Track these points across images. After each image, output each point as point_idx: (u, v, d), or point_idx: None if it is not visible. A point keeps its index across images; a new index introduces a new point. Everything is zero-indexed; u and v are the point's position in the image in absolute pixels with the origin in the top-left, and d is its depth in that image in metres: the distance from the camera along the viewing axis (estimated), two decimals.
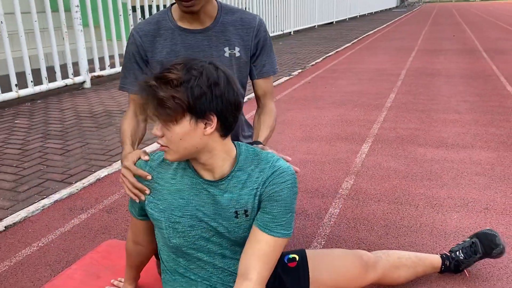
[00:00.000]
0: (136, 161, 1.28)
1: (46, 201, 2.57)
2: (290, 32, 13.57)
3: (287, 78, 6.32)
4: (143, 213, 1.32)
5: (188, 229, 1.21)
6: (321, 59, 8.08)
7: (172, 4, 1.57)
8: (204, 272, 1.27)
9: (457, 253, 1.77)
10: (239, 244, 1.26)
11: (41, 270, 1.93)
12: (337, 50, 9.27)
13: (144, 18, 7.33)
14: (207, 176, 1.21)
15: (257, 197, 1.20)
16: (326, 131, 3.76)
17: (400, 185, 2.65)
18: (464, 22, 17.01)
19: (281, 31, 12.83)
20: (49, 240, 2.17)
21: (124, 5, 6.89)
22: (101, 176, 2.92)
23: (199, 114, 1.10)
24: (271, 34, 12.04)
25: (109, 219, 2.36)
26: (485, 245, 1.75)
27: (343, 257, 1.55)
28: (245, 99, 4.57)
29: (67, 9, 5.88)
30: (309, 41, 11.44)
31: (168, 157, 1.17)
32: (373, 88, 5.42)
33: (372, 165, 2.97)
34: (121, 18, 6.57)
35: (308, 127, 3.91)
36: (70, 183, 2.83)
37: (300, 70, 6.92)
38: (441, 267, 1.76)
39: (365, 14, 25.26)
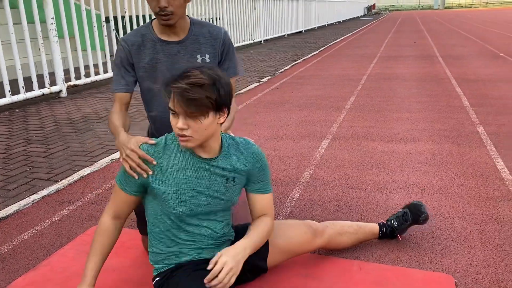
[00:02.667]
0: (141, 146, 1.53)
1: (35, 196, 2.83)
2: (261, 41, 14.01)
3: (257, 84, 6.69)
4: (138, 190, 1.57)
5: (190, 198, 1.54)
6: (289, 66, 8.50)
7: (152, 20, 1.90)
8: (189, 236, 1.59)
9: (392, 221, 2.14)
10: (225, 209, 1.64)
11: (38, 251, 2.20)
12: (304, 58, 9.72)
13: (117, 29, 7.58)
14: (203, 155, 1.55)
15: (244, 171, 1.62)
16: (291, 131, 4.12)
17: (352, 173, 3.02)
18: (425, 30, 17.85)
19: (252, 40, 13.25)
20: (42, 227, 2.44)
21: (98, 16, 7.13)
22: (85, 174, 3.19)
23: (219, 108, 1.44)
24: (242, 43, 12.44)
25: (95, 209, 2.64)
26: (413, 213, 2.12)
27: (295, 226, 1.89)
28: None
29: (43, 21, 6.09)
30: (279, 49, 11.88)
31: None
32: (336, 92, 5.85)
33: (330, 158, 3.34)
34: (95, 29, 6.81)
35: (275, 127, 4.27)
36: (56, 181, 3.09)
37: (269, 77, 7.30)
38: (379, 233, 2.13)
39: (333, 22, 26.03)
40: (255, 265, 1.80)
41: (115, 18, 7.77)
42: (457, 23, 22.78)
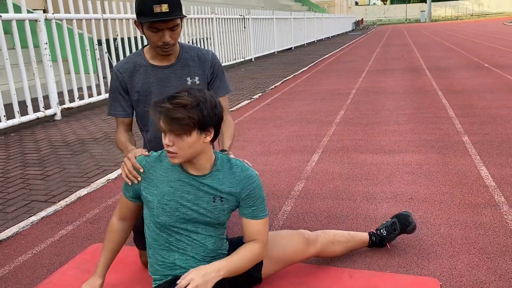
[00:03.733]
0: (137, 156, 1.70)
1: (34, 218, 2.89)
2: (251, 59, 14.23)
3: (249, 101, 6.82)
4: (135, 196, 1.72)
5: (173, 210, 1.63)
6: (279, 82, 8.66)
7: (143, 47, 2.03)
8: (181, 244, 1.67)
9: (381, 230, 2.23)
10: (211, 225, 1.69)
11: (38, 270, 2.26)
12: (294, 74, 9.89)
13: (109, 51, 7.72)
14: (193, 171, 1.65)
15: (232, 194, 1.65)
16: (282, 146, 4.23)
17: (342, 185, 3.12)
18: (412, 43, 18.20)
19: (242, 58, 13.45)
20: (42, 248, 2.50)
21: (90, 39, 7.28)
22: (82, 195, 3.26)
23: (204, 128, 1.54)
24: (233, 62, 12.64)
25: (93, 228, 2.71)
26: (401, 223, 2.21)
27: (288, 236, 1.97)
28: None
29: (36, 45, 6.21)
30: (269, 66, 12.08)
31: (175, 161, 1.57)
32: (325, 107, 5.98)
33: (320, 171, 3.45)
34: (88, 52, 6.93)
35: (267, 143, 4.37)
36: (54, 202, 3.15)
37: (260, 94, 7.44)
38: (369, 242, 2.22)
39: (323, 38, 26.44)
40: (250, 275, 1.88)
41: (107, 41, 7.92)
42: (443, 35, 23.24)
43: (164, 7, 1.77)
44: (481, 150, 3.69)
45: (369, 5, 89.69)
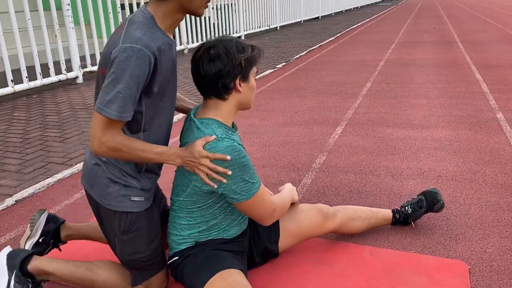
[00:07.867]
0: (207, 144, 1.41)
1: (50, 180, 2.86)
2: (277, 27, 13.88)
3: (272, 70, 6.64)
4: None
5: None
6: (304, 52, 8.40)
7: (151, 17, 1.41)
8: (225, 219, 1.64)
9: (406, 208, 2.10)
10: None
11: None
12: (320, 44, 9.59)
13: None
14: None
15: None
16: (305, 117, 4.08)
17: (366, 160, 2.98)
18: (446, 15, 17.43)
19: (268, 26, 13.13)
20: (56, 210, 2.47)
21: (113, 3, 7.15)
22: None
23: None
24: (257, 30, 12.35)
25: None
26: (428, 201, 2.08)
27: (305, 210, 1.87)
28: None
29: (59, 8, 6.12)
30: (295, 35, 11.75)
31: None
32: (351, 78, 5.76)
33: (343, 144, 3.30)
34: (111, 16, 6.82)
35: (289, 113, 4.23)
36: (71, 165, 3.12)
37: (284, 63, 7.24)
38: (392, 219, 2.09)
39: (351, 8, 25.62)
40: (267, 249, 1.80)
41: (130, 5, 7.78)
42: (478, 8, 22.19)
43: None
44: None
45: None
